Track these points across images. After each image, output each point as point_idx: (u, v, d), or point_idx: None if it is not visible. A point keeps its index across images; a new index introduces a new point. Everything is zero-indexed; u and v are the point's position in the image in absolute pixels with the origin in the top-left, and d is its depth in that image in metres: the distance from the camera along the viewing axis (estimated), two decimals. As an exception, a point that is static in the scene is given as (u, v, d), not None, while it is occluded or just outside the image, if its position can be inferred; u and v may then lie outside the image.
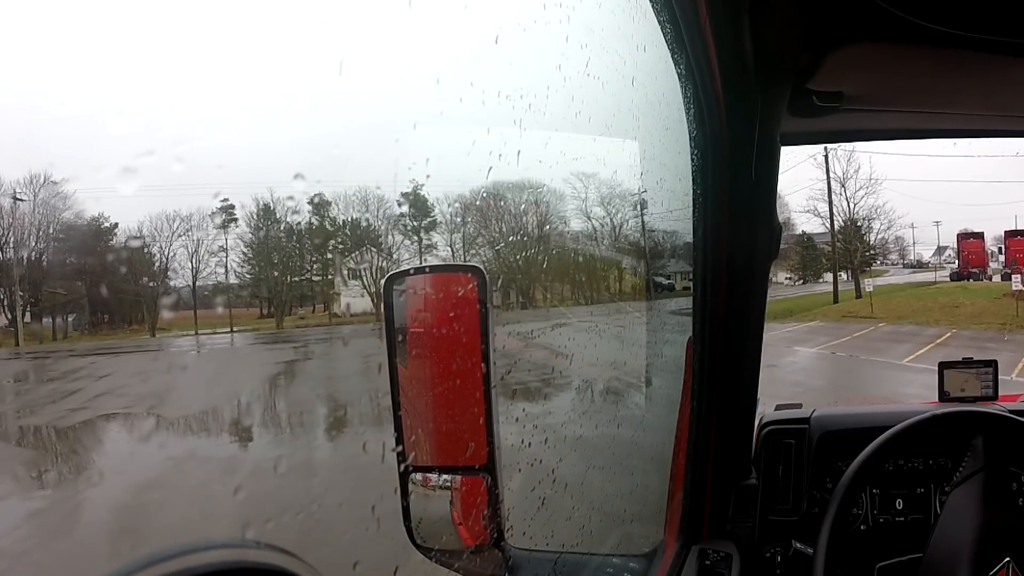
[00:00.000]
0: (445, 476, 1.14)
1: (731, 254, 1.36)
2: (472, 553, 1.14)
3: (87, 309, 22.96)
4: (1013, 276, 22.74)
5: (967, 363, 1.76)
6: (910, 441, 1.39)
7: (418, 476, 1.13)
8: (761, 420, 1.66)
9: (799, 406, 1.77)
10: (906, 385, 11.72)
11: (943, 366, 1.75)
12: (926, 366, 11.98)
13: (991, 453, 1.41)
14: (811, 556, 1.31)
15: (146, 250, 23.44)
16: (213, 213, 24.06)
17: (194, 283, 24.59)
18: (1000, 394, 1.76)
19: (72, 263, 22.07)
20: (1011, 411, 1.50)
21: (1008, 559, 1.26)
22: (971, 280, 28.71)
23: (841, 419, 1.67)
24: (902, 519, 1.59)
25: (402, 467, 1.11)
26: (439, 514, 1.14)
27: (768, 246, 1.41)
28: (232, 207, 24.42)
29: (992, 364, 1.76)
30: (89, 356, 18.78)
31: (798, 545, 1.50)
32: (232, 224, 24.81)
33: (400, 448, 1.10)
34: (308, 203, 24.19)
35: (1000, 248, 29.99)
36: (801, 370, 13.78)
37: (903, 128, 1.55)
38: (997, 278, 25.94)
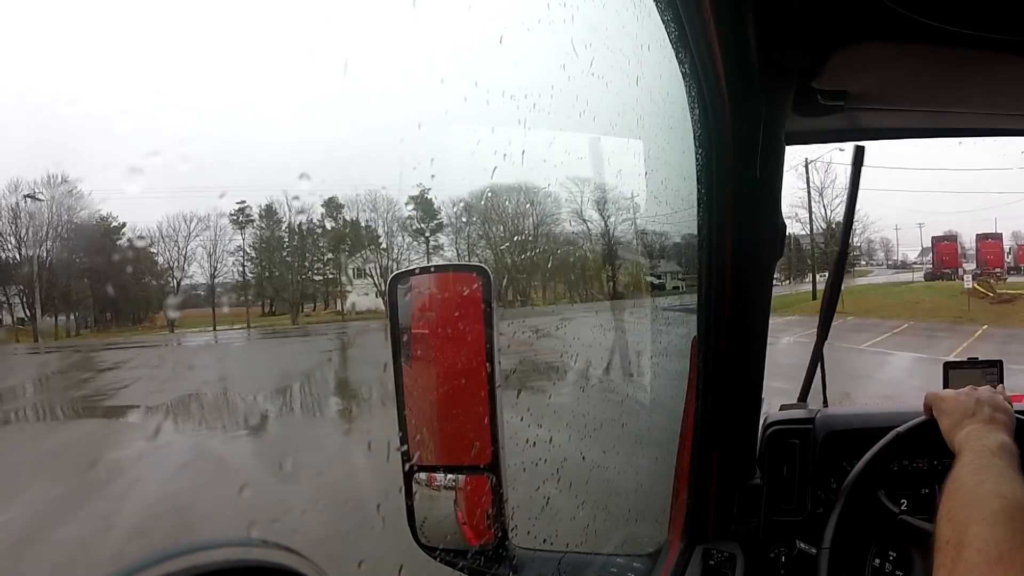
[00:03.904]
0: (450, 475, 1.14)
1: (736, 253, 1.36)
2: (476, 553, 1.14)
3: (96, 306, 23.23)
4: (964, 276, 26.38)
5: (972, 363, 1.74)
6: (915, 441, 1.39)
7: (423, 475, 1.13)
8: (766, 420, 1.65)
9: (804, 405, 1.76)
10: (861, 364, 14.68)
11: (948, 366, 1.74)
12: (880, 350, 16.50)
13: None
14: (815, 556, 1.31)
15: (155, 249, 23.79)
16: (231, 214, 24.55)
17: (212, 281, 24.99)
18: (1007, 394, 1.75)
19: (84, 262, 22.25)
20: (1017, 411, 1.50)
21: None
22: (943, 280, 30.46)
23: (846, 419, 1.66)
24: (909, 515, 1.58)
25: (407, 466, 1.11)
26: (444, 513, 1.14)
27: (773, 245, 1.40)
28: (248, 208, 24.85)
29: (997, 364, 1.74)
30: (132, 348, 20.14)
31: (802, 545, 1.49)
32: (249, 224, 25.24)
33: (405, 447, 1.10)
34: (321, 205, 24.58)
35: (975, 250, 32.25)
36: (777, 352, 15.49)
37: (908, 127, 1.55)
38: (968, 278, 27.20)
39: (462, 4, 1.23)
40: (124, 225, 23.66)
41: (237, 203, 24.83)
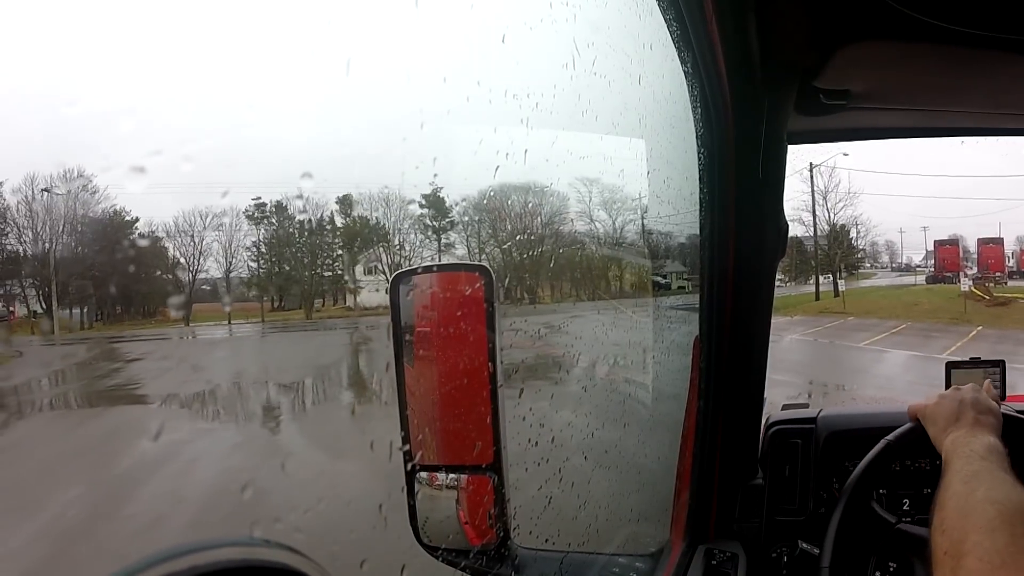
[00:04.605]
0: (452, 475, 1.14)
1: (738, 253, 1.36)
2: (478, 552, 1.14)
3: (109, 300, 23.45)
4: (962, 279, 27.30)
5: (974, 363, 1.74)
6: (907, 447, 1.38)
7: (424, 475, 1.13)
8: (768, 420, 1.65)
9: (806, 405, 1.76)
10: (859, 360, 16.06)
11: (950, 366, 1.73)
12: (877, 348, 17.46)
13: None
14: (817, 556, 1.31)
15: (169, 244, 24.10)
16: (246, 211, 24.92)
17: (228, 276, 25.38)
18: (1008, 394, 1.74)
19: (98, 256, 22.38)
20: (1019, 411, 1.49)
21: None
22: (945, 283, 31.28)
23: (848, 419, 1.66)
24: (909, 520, 1.58)
25: (408, 466, 1.11)
26: (446, 513, 1.14)
27: (775, 245, 1.40)
28: (264, 205, 25.21)
29: (1000, 364, 1.73)
30: (153, 341, 20.92)
31: (804, 545, 1.49)
32: (264, 221, 25.62)
33: (407, 447, 1.10)
34: (336, 202, 24.91)
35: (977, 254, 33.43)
36: (781, 349, 16.54)
37: (910, 126, 1.54)
38: (966, 282, 27.77)
39: (464, 3, 1.22)
40: (137, 220, 24.00)
41: (253, 199, 25.26)
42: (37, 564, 5.37)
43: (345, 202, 25.55)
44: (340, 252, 27.00)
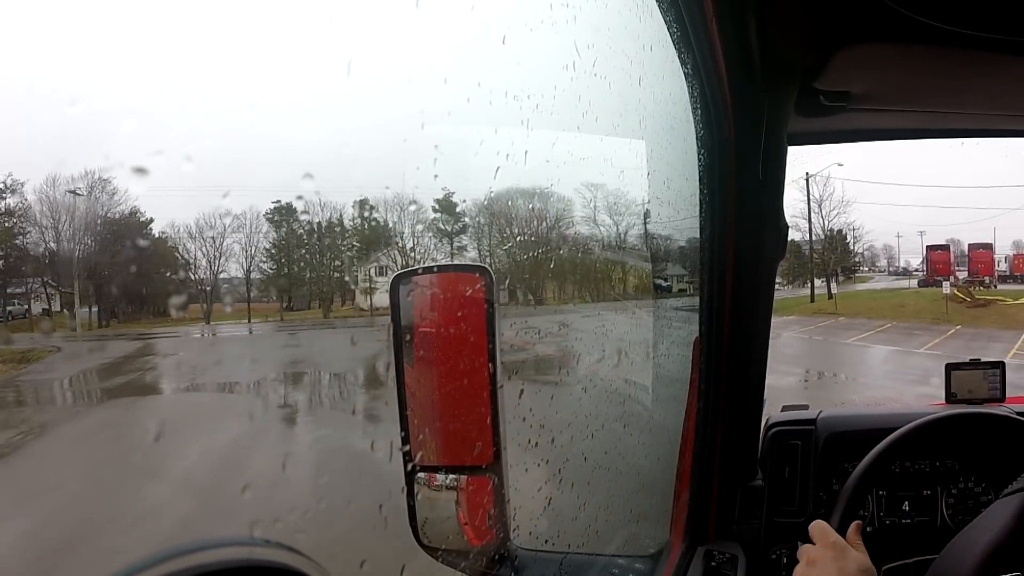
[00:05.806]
0: (452, 476, 1.14)
1: (738, 254, 1.36)
2: (478, 553, 1.14)
3: (124, 299, 23.69)
4: (943, 282, 28.60)
5: (974, 364, 1.73)
6: (917, 443, 1.38)
7: (424, 475, 1.13)
8: (767, 421, 1.65)
9: (806, 407, 1.76)
10: (847, 354, 17.95)
11: (950, 367, 1.72)
12: (863, 344, 19.22)
13: None
14: None
15: (182, 245, 24.36)
16: (266, 213, 25.36)
17: (248, 277, 25.86)
18: (1008, 396, 1.74)
19: (117, 255, 22.47)
20: (1019, 412, 1.49)
21: (1018, 574, 1.18)
22: (936, 287, 31.64)
23: (848, 420, 1.66)
24: (908, 521, 1.58)
25: (408, 466, 1.11)
26: (446, 514, 1.14)
27: (775, 246, 1.40)
28: (283, 208, 25.71)
29: (999, 365, 1.73)
30: (179, 338, 21.47)
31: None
32: (284, 223, 26.05)
33: (407, 448, 1.10)
34: (352, 205, 25.36)
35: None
36: (782, 344, 18.24)
37: (910, 128, 1.54)
38: (947, 285, 28.94)
39: (465, 4, 1.22)
40: (152, 221, 24.30)
41: (273, 202, 25.69)
42: (191, 515, 5.76)
43: (360, 206, 25.98)
44: (350, 254, 27.37)
